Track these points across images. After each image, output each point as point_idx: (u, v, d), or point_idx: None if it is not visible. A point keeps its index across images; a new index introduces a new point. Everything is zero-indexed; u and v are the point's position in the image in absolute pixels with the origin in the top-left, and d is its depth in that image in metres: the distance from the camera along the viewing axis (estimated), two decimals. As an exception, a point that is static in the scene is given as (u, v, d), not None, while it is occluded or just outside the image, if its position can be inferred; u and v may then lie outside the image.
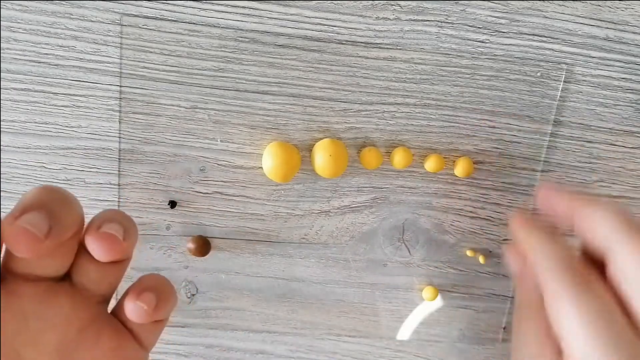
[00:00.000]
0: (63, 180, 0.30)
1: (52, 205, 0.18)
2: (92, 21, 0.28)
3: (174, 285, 0.23)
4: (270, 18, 0.28)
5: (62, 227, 0.18)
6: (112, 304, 0.23)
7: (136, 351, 0.22)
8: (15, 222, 0.17)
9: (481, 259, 0.33)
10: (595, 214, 0.23)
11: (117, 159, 0.30)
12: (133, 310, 0.21)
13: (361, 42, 0.29)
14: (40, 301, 0.20)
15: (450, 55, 0.30)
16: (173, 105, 0.29)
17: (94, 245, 0.19)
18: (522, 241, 0.26)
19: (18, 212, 0.17)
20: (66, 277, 0.21)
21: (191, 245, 0.31)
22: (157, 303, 0.21)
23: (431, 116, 0.31)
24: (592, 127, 0.32)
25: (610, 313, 0.21)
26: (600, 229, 0.22)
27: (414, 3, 0.28)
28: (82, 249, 0.20)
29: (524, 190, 0.32)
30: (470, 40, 0.29)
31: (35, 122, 0.29)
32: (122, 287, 0.23)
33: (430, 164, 0.31)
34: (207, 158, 0.30)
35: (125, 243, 0.20)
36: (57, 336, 0.20)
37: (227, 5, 0.28)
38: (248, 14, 0.28)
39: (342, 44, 0.29)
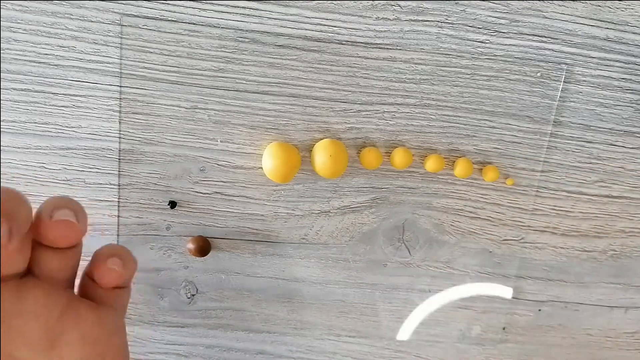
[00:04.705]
0: (63, 180, 0.30)
1: (7, 206, 0.18)
2: (92, 21, 0.28)
3: (130, 251, 0.24)
4: (270, 18, 0.28)
5: (21, 225, 0.19)
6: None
7: (114, 318, 0.24)
8: None
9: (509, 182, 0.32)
10: None
11: (117, 159, 0.30)
12: (104, 274, 0.23)
13: (361, 42, 0.29)
14: (14, 299, 0.20)
15: (450, 56, 0.30)
16: (173, 106, 0.29)
17: (52, 233, 0.20)
18: None
19: None
20: (28, 274, 0.21)
21: (191, 246, 0.31)
22: (124, 263, 0.23)
23: (431, 116, 0.31)
24: (592, 128, 0.32)
25: None
26: None
27: (414, 3, 0.28)
28: (36, 243, 0.21)
29: (524, 190, 0.32)
30: (470, 40, 0.29)
31: (35, 122, 0.29)
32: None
33: (430, 164, 0.31)
34: (207, 158, 0.30)
35: (79, 226, 0.21)
36: (41, 325, 0.20)
37: (227, 6, 0.28)
38: (248, 14, 0.28)
39: (342, 44, 0.29)
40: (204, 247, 0.31)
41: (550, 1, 0.29)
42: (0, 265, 0.19)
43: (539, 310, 0.36)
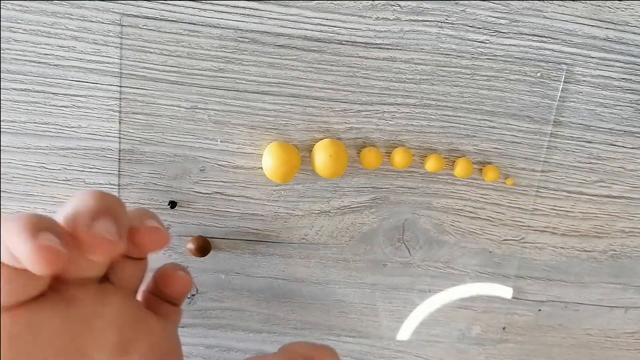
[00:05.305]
0: (63, 180, 0.30)
1: (114, 209, 0.19)
2: (92, 21, 0.28)
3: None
4: (270, 18, 0.28)
5: (125, 228, 0.19)
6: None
7: (175, 332, 0.25)
8: (91, 230, 0.18)
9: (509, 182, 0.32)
10: None
11: (117, 159, 0.30)
12: (176, 281, 0.25)
13: (361, 42, 0.29)
14: (97, 302, 0.21)
15: (450, 56, 0.30)
16: (173, 106, 0.29)
17: (145, 240, 0.21)
18: None
19: (88, 220, 0.18)
20: (105, 281, 0.22)
21: (191, 246, 0.31)
22: (188, 277, 0.25)
23: (431, 116, 0.31)
24: (592, 128, 0.32)
25: None
26: None
27: (414, 3, 0.28)
28: None
29: (524, 190, 0.32)
30: (470, 40, 0.29)
31: (35, 122, 0.29)
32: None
33: (430, 164, 0.31)
34: (207, 158, 0.30)
35: (166, 234, 0.22)
36: (117, 331, 0.21)
37: (227, 6, 0.28)
38: (248, 14, 0.28)
39: (342, 44, 0.29)
40: (204, 247, 0.31)
41: (550, 1, 0.29)
42: (83, 268, 0.20)
43: (539, 310, 0.36)
